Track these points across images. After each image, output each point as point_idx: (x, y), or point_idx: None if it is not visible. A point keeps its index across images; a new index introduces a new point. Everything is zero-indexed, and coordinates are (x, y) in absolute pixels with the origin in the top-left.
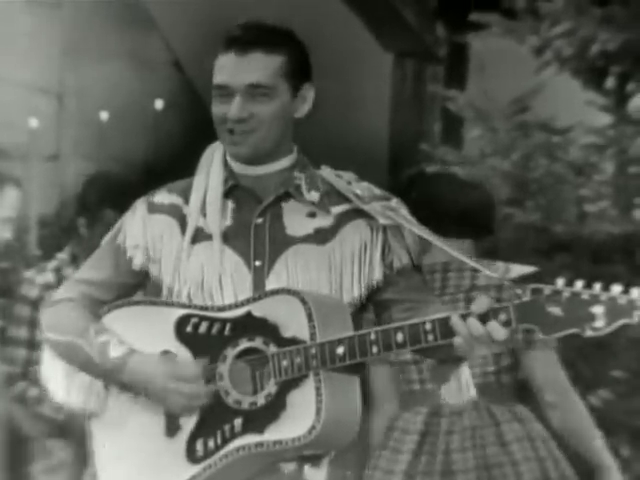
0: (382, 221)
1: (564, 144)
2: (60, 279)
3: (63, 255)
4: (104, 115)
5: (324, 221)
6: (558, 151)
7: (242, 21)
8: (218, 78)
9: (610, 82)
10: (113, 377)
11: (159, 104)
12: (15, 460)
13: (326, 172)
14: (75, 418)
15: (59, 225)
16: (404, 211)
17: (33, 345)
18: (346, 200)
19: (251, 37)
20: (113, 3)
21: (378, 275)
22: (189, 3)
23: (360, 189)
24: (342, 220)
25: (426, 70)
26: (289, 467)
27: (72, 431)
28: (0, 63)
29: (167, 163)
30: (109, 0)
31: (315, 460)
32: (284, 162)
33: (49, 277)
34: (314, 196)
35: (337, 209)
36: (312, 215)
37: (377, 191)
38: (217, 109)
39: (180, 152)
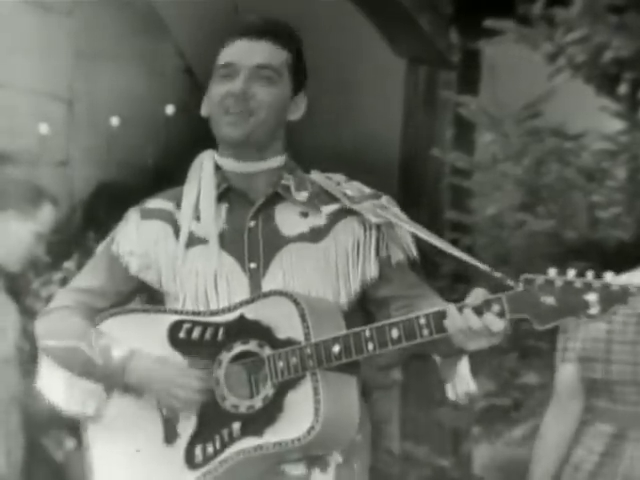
0: (373, 220)
1: (576, 150)
2: None
3: (69, 265)
4: (114, 121)
5: (317, 220)
6: (570, 157)
7: (254, 15)
8: (225, 58)
9: (623, 88)
10: (115, 379)
11: (170, 110)
12: None
13: (315, 175)
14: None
15: (68, 231)
16: (395, 209)
17: (37, 360)
18: (336, 200)
19: (264, 27)
20: (124, 9)
21: (374, 272)
22: (202, 10)
23: (350, 189)
24: (334, 218)
25: (439, 76)
26: (297, 471)
27: None
28: (10, 69)
29: (178, 169)
30: (120, 6)
31: (317, 460)
32: (273, 162)
33: (55, 290)
34: (303, 196)
35: (328, 208)
36: (305, 215)
37: (367, 190)
38: (219, 88)
39: (191, 158)
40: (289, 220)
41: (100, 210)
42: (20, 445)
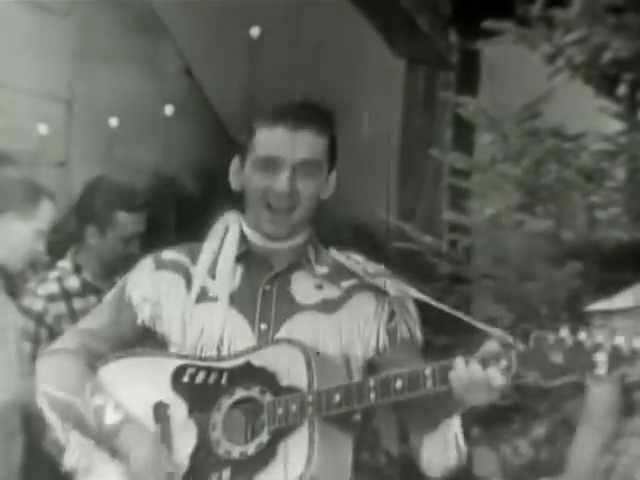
0: (392, 293)
1: (575, 150)
2: (63, 289)
3: (64, 264)
4: (114, 121)
5: (332, 292)
6: (569, 157)
7: (291, 100)
8: (267, 150)
9: (622, 89)
10: (105, 442)
11: (169, 110)
12: None
13: (334, 252)
14: None
15: (67, 231)
16: (411, 289)
17: (32, 359)
18: (354, 276)
19: (303, 116)
20: (123, 10)
21: (382, 345)
22: (201, 10)
23: (369, 267)
24: (350, 292)
25: (438, 76)
26: None
27: None
28: (9, 69)
29: (177, 169)
30: (119, 7)
31: None
32: (299, 239)
33: (52, 288)
34: (324, 269)
35: (345, 283)
36: (320, 287)
37: (385, 270)
38: (260, 182)
39: (190, 158)
40: (304, 289)
41: (97, 202)
42: (20, 446)
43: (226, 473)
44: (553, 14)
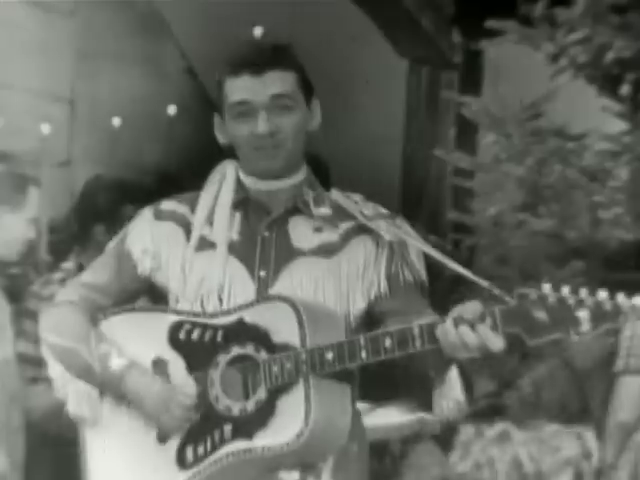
0: (387, 237)
1: (578, 150)
2: None
3: (68, 265)
4: (116, 121)
5: (330, 236)
6: (572, 157)
7: (247, 44)
8: (237, 95)
9: (625, 89)
10: (110, 388)
11: (172, 110)
12: None
13: (334, 193)
14: None
15: (69, 231)
16: (408, 228)
17: (40, 363)
18: (352, 218)
19: (264, 59)
20: (126, 10)
21: (382, 289)
22: (203, 10)
23: (366, 208)
24: (348, 235)
25: (441, 76)
26: (290, 478)
27: None
28: (12, 69)
29: (179, 169)
30: (122, 7)
31: (311, 468)
32: (295, 178)
33: (55, 290)
34: (322, 212)
35: (343, 225)
36: (319, 230)
37: (383, 210)
38: (240, 128)
39: (193, 158)
40: (303, 234)
41: (100, 201)
42: (22, 443)
43: (227, 428)
44: (556, 14)
